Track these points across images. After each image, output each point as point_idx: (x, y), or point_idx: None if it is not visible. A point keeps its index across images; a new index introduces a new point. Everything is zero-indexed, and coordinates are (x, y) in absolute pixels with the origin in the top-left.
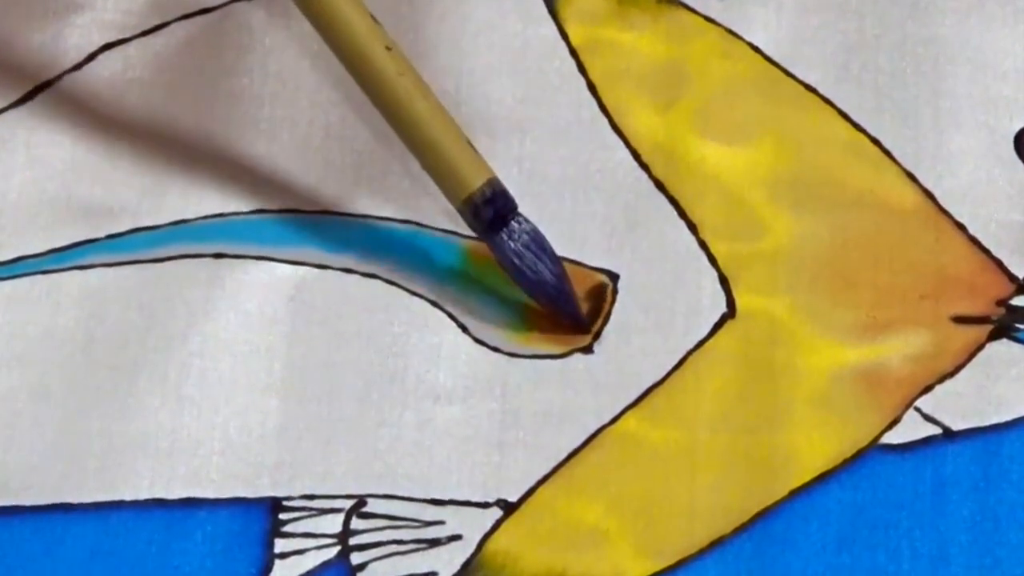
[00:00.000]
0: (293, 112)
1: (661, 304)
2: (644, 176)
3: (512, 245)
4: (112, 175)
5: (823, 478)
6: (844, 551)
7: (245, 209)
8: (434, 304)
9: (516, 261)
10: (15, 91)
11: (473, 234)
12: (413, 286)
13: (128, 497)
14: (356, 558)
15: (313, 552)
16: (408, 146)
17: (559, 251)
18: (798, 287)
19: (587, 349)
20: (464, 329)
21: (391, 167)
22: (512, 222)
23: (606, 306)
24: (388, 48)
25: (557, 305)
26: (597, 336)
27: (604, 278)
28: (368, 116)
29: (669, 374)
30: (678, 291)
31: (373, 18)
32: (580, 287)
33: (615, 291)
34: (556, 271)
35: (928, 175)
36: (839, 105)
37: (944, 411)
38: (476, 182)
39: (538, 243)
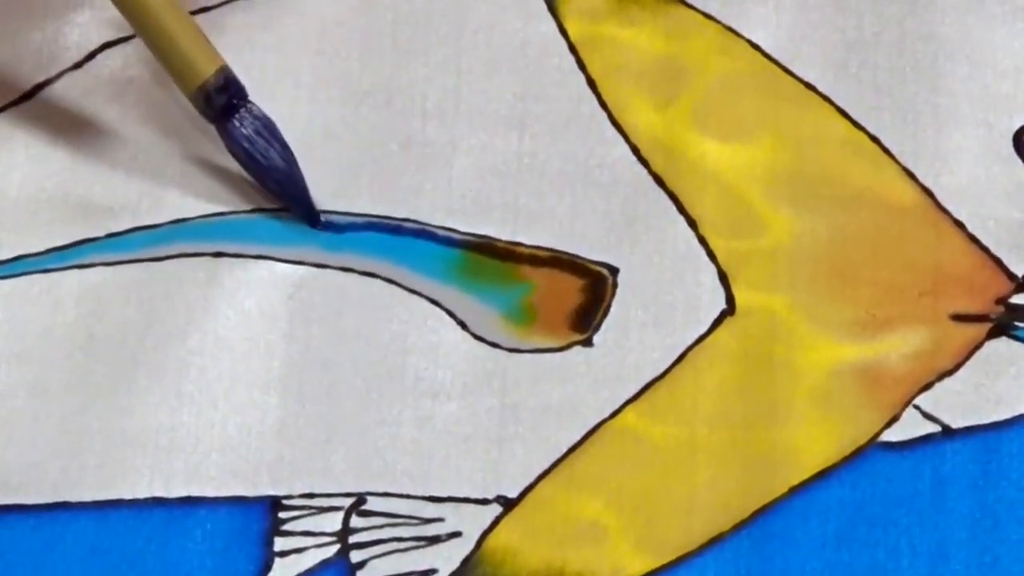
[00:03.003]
0: (292, 111)
1: (660, 299)
2: (643, 172)
3: (244, 131)
4: (112, 174)
5: (822, 475)
6: (843, 548)
7: (244, 208)
8: (433, 302)
9: (247, 146)
10: (15, 90)
11: (470, 239)
12: (412, 284)
13: (127, 494)
14: (356, 556)
15: (313, 550)
16: (141, 36)
17: (559, 245)
18: (797, 284)
19: (587, 342)
20: (463, 326)
21: (389, 165)
22: (243, 110)
23: (606, 299)
24: None
25: (287, 191)
26: (597, 329)
27: (604, 271)
28: (367, 114)
29: (669, 369)
30: (677, 286)
31: None
32: (579, 280)
33: (615, 284)
34: (286, 156)
35: (927, 173)
36: (838, 102)
37: (943, 409)
38: (208, 70)
39: (269, 129)
